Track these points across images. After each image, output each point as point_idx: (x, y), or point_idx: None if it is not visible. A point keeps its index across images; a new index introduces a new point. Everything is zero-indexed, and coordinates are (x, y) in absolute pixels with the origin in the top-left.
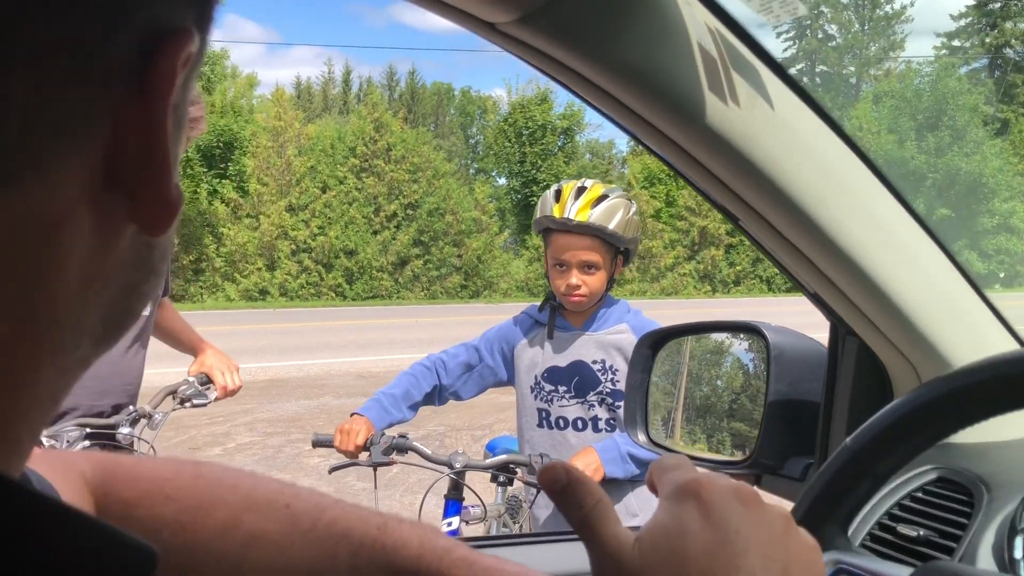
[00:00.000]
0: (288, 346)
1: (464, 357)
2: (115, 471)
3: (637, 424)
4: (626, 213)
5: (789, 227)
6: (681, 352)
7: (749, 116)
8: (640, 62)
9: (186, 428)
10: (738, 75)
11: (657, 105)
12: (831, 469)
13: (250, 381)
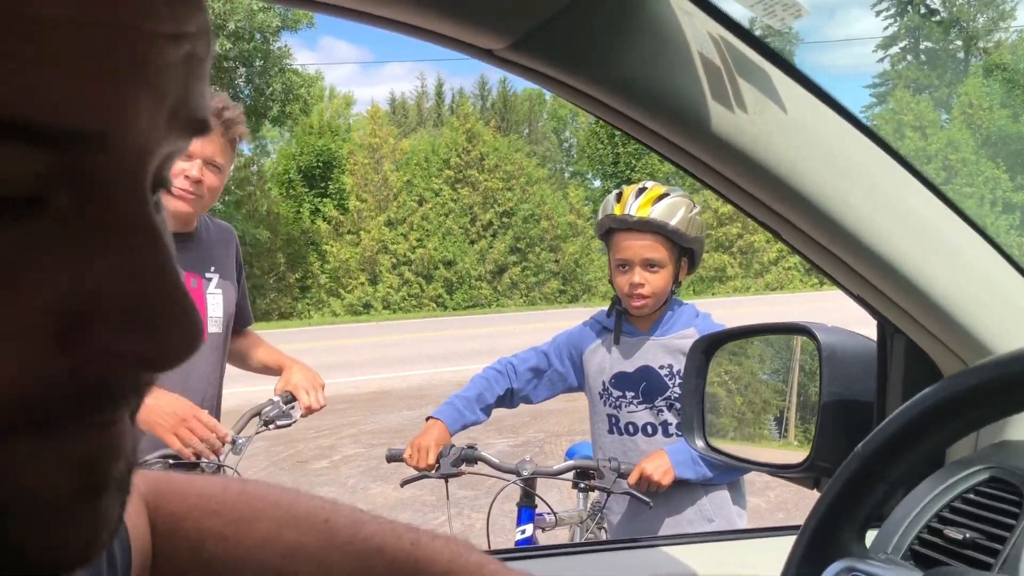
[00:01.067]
0: (392, 358)
1: (533, 362)
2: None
3: (694, 430)
4: (688, 211)
5: (816, 230)
6: (735, 356)
7: (760, 120)
8: (641, 76)
9: (294, 442)
10: (744, 80)
11: (664, 117)
12: (843, 477)
13: (355, 394)
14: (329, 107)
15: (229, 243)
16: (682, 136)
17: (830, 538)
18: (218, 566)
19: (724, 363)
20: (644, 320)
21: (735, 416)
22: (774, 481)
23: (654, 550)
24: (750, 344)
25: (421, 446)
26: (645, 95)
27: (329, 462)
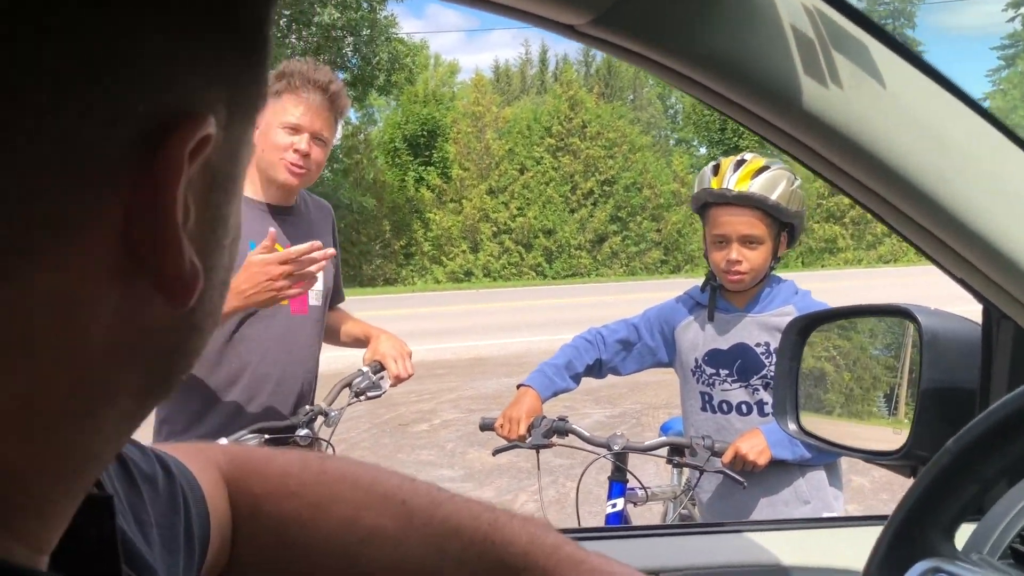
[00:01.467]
0: (491, 325)
1: (623, 334)
2: (247, 467)
3: (787, 413)
4: (789, 185)
5: (916, 209)
6: (831, 338)
7: (855, 96)
8: (727, 50)
9: (395, 405)
10: (839, 53)
11: (751, 92)
12: (931, 473)
13: (455, 360)
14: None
15: (327, 220)
16: (772, 112)
17: (916, 536)
18: (298, 550)
19: (821, 344)
20: (740, 296)
21: (830, 399)
22: None
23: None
24: (849, 325)
25: (512, 417)
26: (732, 69)
27: (429, 426)
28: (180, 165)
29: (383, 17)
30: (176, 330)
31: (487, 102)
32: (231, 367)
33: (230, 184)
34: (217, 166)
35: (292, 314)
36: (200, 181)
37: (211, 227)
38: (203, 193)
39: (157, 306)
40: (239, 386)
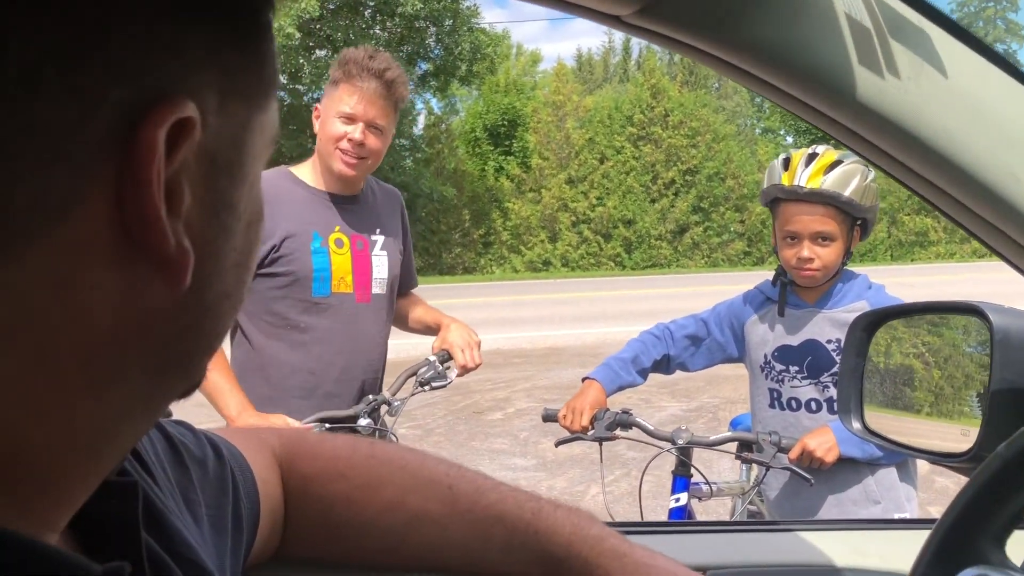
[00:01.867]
0: (567, 315)
1: (692, 329)
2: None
3: (851, 411)
4: (862, 180)
5: (985, 208)
6: (899, 335)
7: (913, 88)
8: (776, 38)
9: (471, 393)
10: (897, 43)
11: (803, 84)
12: (981, 479)
13: (530, 349)
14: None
15: (395, 206)
16: (825, 102)
17: (964, 542)
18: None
19: (888, 341)
20: (811, 292)
21: (896, 397)
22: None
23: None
24: (918, 322)
25: (576, 408)
26: (782, 58)
27: (503, 414)
28: (154, 147)
29: (466, 7)
30: (185, 311)
31: (568, 91)
32: (295, 356)
33: (236, 170)
34: (216, 151)
35: (357, 303)
36: (197, 166)
37: (214, 211)
38: (202, 178)
39: (159, 287)
40: (303, 374)
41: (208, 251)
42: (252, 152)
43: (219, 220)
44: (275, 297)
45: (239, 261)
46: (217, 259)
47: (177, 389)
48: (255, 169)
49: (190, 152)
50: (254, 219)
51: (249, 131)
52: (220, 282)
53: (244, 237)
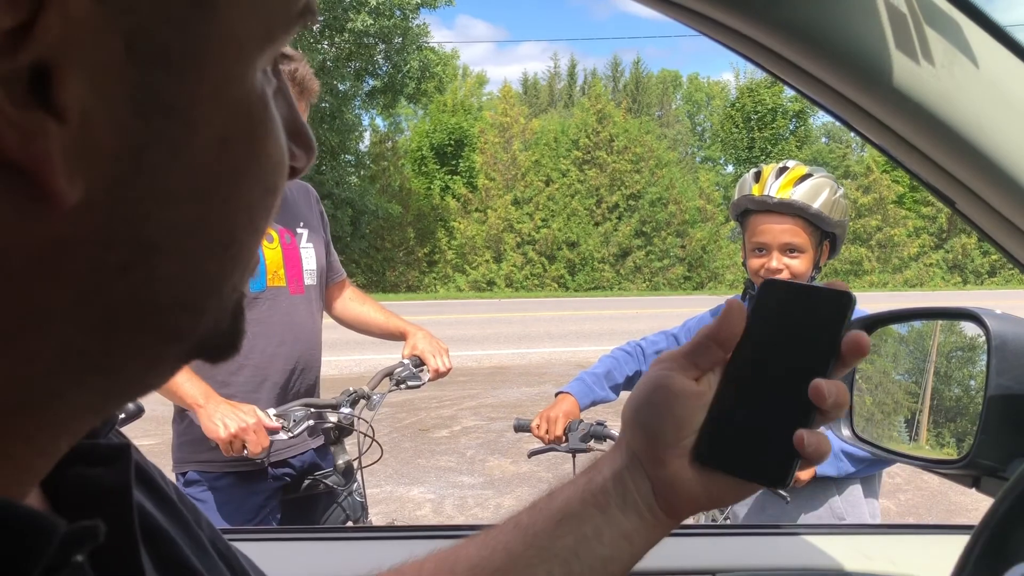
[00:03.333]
0: (512, 335)
1: (663, 345)
2: None
3: (841, 417)
4: (832, 193)
5: (1003, 201)
6: (890, 341)
7: (947, 75)
8: (815, 22)
9: (416, 411)
10: (932, 30)
11: (837, 68)
12: None
13: (476, 368)
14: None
15: (310, 199)
16: (855, 87)
17: (1012, 539)
18: None
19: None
20: None
21: (888, 404)
22: (906, 483)
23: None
24: (911, 328)
25: (550, 417)
26: (819, 41)
27: (449, 432)
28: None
29: (415, 25)
30: (110, 247)
31: (515, 113)
32: (240, 351)
33: (180, 60)
34: (134, 29)
35: (291, 295)
36: (95, 47)
37: (139, 114)
38: (109, 66)
39: (41, 208)
40: (248, 368)
41: (135, 167)
42: (218, 41)
43: (151, 128)
44: None
45: (206, 189)
46: (156, 180)
47: (160, 347)
48: (232, 67)
49: (75, 25)
50: (238, 137)
51: (209, 7)
52: (170, 212)
53: (215, 158)
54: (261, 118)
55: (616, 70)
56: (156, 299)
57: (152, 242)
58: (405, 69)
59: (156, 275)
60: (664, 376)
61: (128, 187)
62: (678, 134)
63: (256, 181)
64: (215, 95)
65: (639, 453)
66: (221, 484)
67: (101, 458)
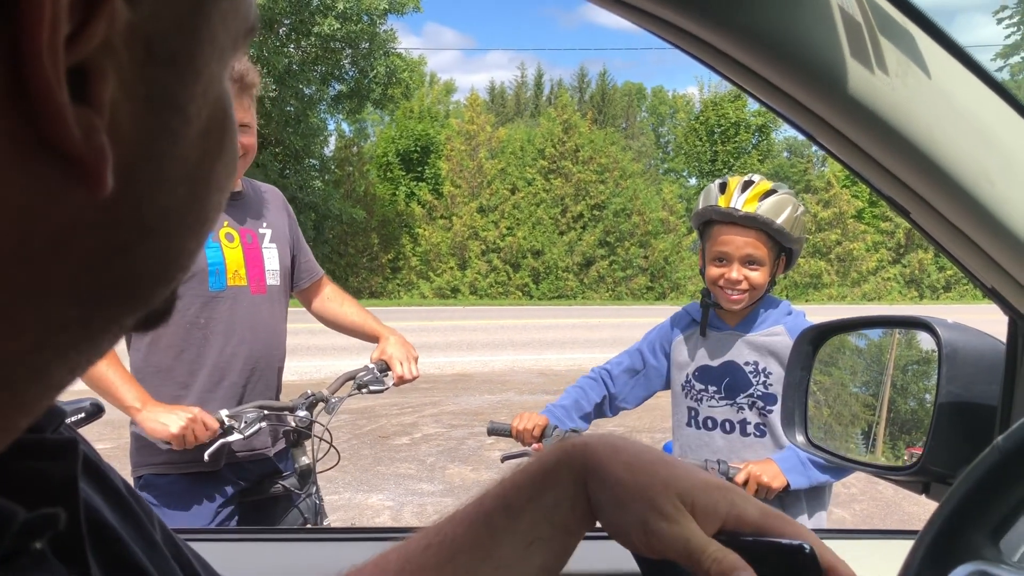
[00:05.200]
0: (476, 342)
1: (627, 363)
2: None
3: (795, 424)
4: (794, 210)
5: (953, 210)
6: (844, 349)
7: (900, 85)
8: (773, 29)
9: (377, 417)
10: (886, 40)
11: (794, 75)
12: (979, 471)
13: (438, 375)
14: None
15: (277, 201)
16: (811, 95)
17: (959, 537)
18: None
19: (833, 355)
20: (734, 315)
21: (842, 411)
22: (861, 493)
23: None
24: (862, 337)
25: (528, 417)
26: (774, 47)
27: (410, 439)
28: (41, 11)
29: (383, 31)
30: (117, 226)
31: (481, 121)
32: (197, 350)
33: (183, 63)
34: (154, 36)
35: (252, 295)
36: (127, 51)
37: (152, 109)
38: (134, 67)
39: (77, 194)
40: (207, 368)
41: (145, 156)
42: (208, 44)
43: (160, 120)
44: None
45: (192, 174)
46: (159, 167)
47: (126, 319)
48: (215, 69)
49: (113, 31)
50: (215, 128)
51: (203, 16)
52: (165, 195)
53: (199, 146)
54: (229, 112)
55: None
56: (142, 274)
57: (149, 223)
58: (372, 74)
59: (148, 253)
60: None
61: (138, 174)
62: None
63: (224, 166)
64: (204, 92)
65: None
66: (177, 488)
67: (48, 452)
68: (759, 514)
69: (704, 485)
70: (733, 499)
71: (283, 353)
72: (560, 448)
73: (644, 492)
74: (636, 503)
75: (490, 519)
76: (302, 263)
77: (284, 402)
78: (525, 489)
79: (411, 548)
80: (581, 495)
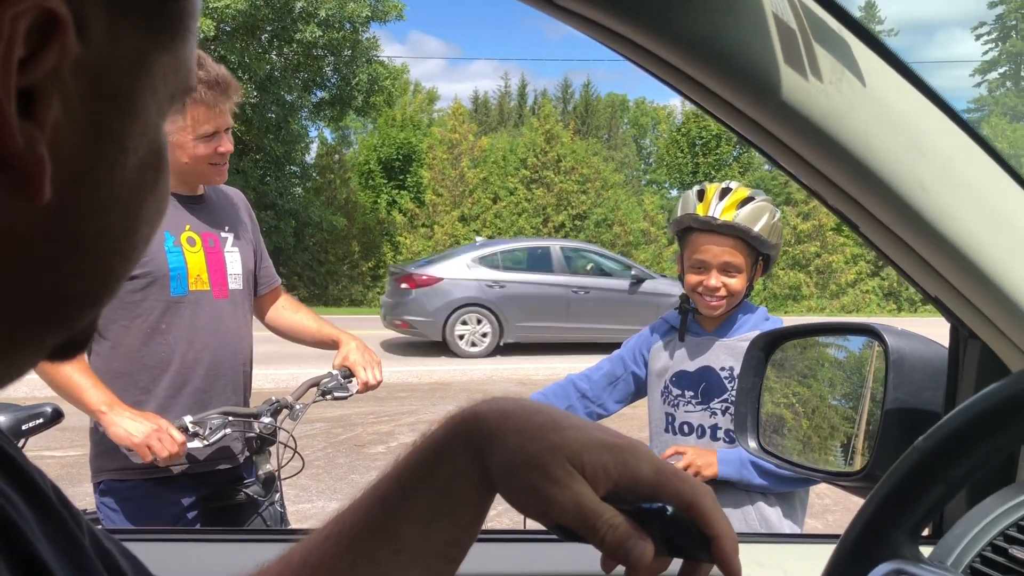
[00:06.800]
0: None
1: (607, 368)
2: None
3: (747, 430)
4: (771, 218)
5: (891, 217)
6: (795, 355)
7: (835, 91)
8: (708, 33)
9: (352, 426)
10: (821, 48)
11: (730, 81)
12: (899, 472)
13: (416, 383)
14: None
15: (238, 205)
16: (748, 102)
17: (880, 536)
18: None
19: (785, 362)
20: (712, 321)
21: (793, 418)
22: (834, 504)
23: None
24: (814, 343)
25: None
26: (710, 53)
27: (386, 448)
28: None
29: (365, 39)
30: (50, 239)
31: (464, 130)
32: (159, 355)
33: (125, 103)
34: (101, 74)
35: (215, 299)
36: (74, 82)
37: (93, 137)
38: (80, 98)
39: (15, 204)
40: (170, 373)
41: (82, 178)
42: (148, 92)
43: (98, 148)
44: (136, 300)
45: (127, 200)
46: (96, 191)
47: (49, 339)
48: (153, 113)
49: (64, 62)
50: (150, 164)
51: (146, 67)
52: (99, 218)
53: (135, 177)
54: (164, 155)
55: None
56: (70, 293)
57: (80, 241)
58: (354, 82)
59: (77, 270)
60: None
61: (75, 193)
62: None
63: (155, 201)
64: (142, 132)
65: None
66: (137, 493)
67: None
68: (653, 472)
69: (594, 445)
70: (625, 458)
71: (248, 357)
72: (450, 420)
73: (534, 458)
74: (527, 469)
75: (385, 501)
76: (261, 269)
77: (248, 409)
78: (418, 467)
79: (314, 540)
80: (477, 465)
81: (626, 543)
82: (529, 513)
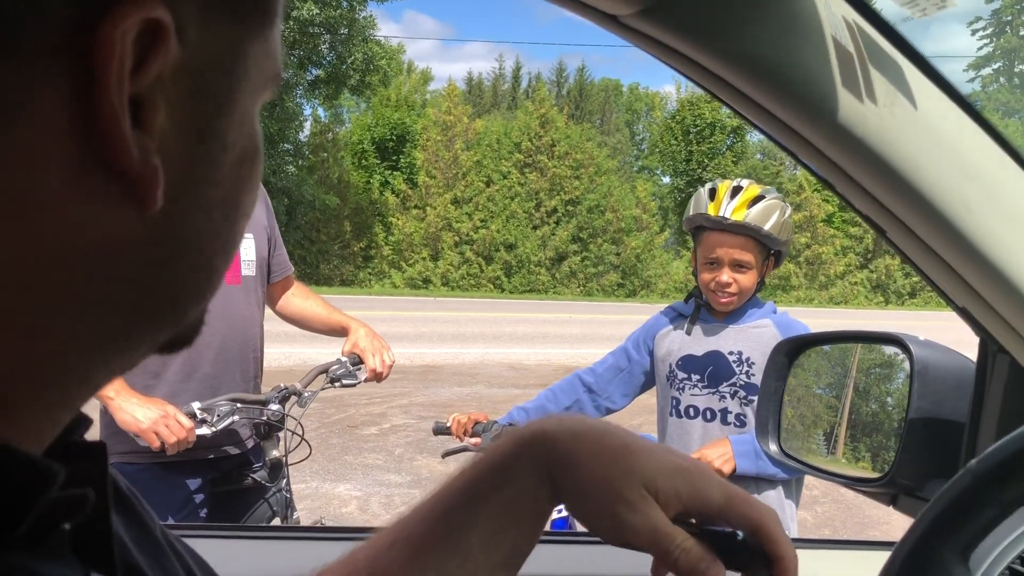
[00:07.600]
0: (446, 334)
1: (612, 361)
2: None
3: (769, 433)
4: (781, 215)
5: (932, 235)
6: (820, 362)
7: (888, 114)
8: (768, 56)
9: (345, 407)
10: (876, 71)
11: (786, 101)
12: (951, 493)
13: (408, 366)
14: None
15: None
16: (803, 122)
17: (930, 557)
18: None
19: (808, 367)
20: (722, 314)
21: (815, 422)
22: (823, 496)
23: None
24: (838, 350)
25: (464, 415)
26: (770, 75)
27: (378, 429)
28: (113, 46)
29: (362, 17)
30: (157, 244)
31: (459, 112)
32: None
33: (223, 98)
34: (199, 72)
35: (227, 285)
36: (175, 85)
37: (196, 137)
38: (182, 99)
39: (125, 212)
40: (179, 358)
41: (187, 180)
42: (245, 83)
43: (202, 148)
44: None
45: (226, 198)
46: (199, 190)
47: (159, 335)
48: (248, 104)
49: (166, 67)
50: (247, 156)
51: (240, 58)
52: (202, 218)
53: (233, 173)
54: (259, 145)
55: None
56: (179, 290)
57: (186, 241)
58: (349, 60)
59: (185, 270)
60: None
61: (181, 196)
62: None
63: (250, 193)
64: (239, 124)
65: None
66: (145, 476)
67: (79, 455)
68: (722, 497)
69: (667, 470)
70: (695, 483)
71: (259, 343)
72: (519, 438)
73: (610, 483)
74: (602, 493)
75: (452, 514)
76: (275, 257)
77: (257, 395)
78: (485, 482)
79: (377, 546)
80: (544, 485)
81: (699, 566)
82: (601, 534)
